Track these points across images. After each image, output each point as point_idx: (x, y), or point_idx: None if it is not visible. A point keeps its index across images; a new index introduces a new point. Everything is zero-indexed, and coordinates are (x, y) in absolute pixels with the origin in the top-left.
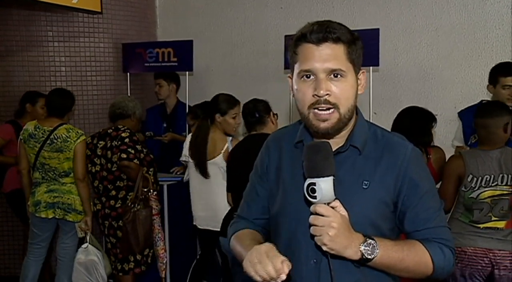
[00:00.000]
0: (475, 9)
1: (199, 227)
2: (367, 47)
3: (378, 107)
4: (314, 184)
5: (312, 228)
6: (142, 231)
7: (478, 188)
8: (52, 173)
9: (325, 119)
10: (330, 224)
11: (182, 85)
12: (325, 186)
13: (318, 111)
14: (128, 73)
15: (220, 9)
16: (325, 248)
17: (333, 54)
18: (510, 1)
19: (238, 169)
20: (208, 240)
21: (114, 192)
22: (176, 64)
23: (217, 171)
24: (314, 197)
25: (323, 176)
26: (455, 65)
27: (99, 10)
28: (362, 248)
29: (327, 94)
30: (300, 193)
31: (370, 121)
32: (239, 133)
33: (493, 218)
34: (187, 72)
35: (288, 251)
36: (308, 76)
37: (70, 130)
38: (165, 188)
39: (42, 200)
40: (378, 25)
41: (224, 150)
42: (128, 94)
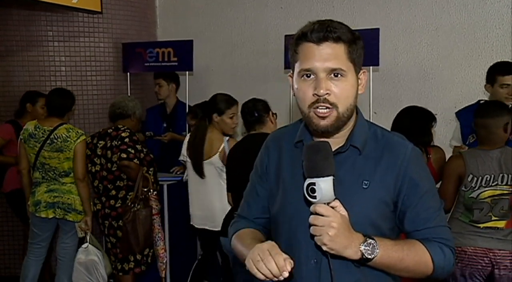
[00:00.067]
0: (475, 9)
1: (196, 226)
2: (367, 47)
3: (378, 107)
4: (314, 183)
5: (312, 228)
6: (142, 230)
7: (478, 188)
8: (52, 173)
9: (324, 117)
10: (330, 224)
11: (182, 85)
12: (325, 186)
13: (318, 110)
14: (128, 73)
15: (220, 9)
16: (325, 248)
17: (333, 54)
18: (510, 1)
19: (238, 169)
20: (206, 240)
21: (114, 192)
22: (176, 64)
23: (213, 170)
24: (314, 197)
25: (323, 176)
26: (455, 65)
27: (99, 10)
28: (362, 248)
29: (327, 94)
30: (300, 193)
31: (370, 121)
32: (238, 133)
33: (493, 217)
34: (187, 72)
35: (288, 251)
36: (308, 75)
37: (70, 130)
38: (165, 187)
39: (42, 199)
40: (378, 25)
41: (220, 149)
42: (128, 94)
